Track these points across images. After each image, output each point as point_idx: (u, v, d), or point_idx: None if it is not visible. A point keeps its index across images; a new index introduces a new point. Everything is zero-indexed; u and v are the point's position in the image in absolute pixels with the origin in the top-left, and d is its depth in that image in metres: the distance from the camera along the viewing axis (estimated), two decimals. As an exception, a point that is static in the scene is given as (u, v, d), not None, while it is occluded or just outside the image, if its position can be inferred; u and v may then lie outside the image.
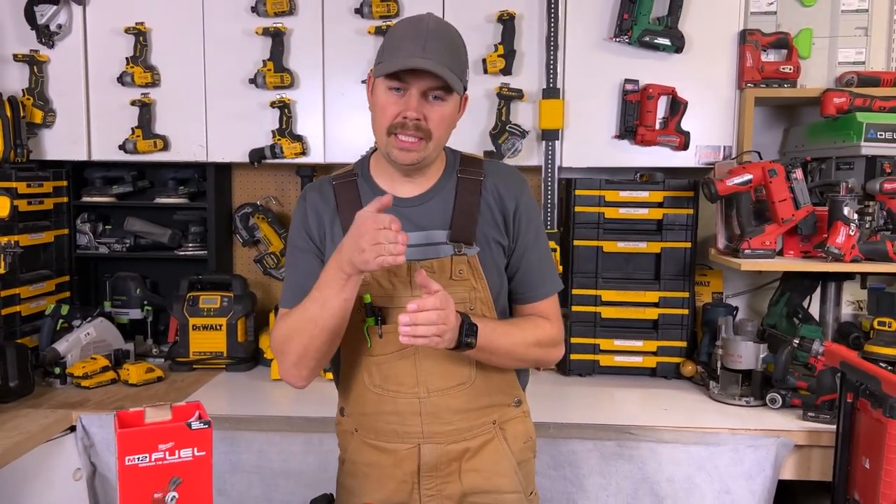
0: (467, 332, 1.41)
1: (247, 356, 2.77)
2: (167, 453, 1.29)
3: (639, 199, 2.65)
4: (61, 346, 2.54)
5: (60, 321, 2.64)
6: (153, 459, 1.28)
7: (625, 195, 2.65)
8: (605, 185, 2.66)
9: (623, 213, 2.66)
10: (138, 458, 1.27)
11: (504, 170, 1.64)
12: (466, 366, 1.54)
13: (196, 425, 1.31)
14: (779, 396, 2.31)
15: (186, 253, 3.01)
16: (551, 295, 1.63)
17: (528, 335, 1.55)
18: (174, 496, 1.30)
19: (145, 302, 2.95)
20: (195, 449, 1.31)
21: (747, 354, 2.39)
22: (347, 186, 1.58)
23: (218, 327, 2.73)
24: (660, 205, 2.65)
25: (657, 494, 2.17)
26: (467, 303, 1.51)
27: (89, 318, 2.68)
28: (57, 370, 2.50)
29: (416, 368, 1.53)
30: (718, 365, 2.45)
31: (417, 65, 1.39)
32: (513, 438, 1.62)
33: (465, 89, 1.52)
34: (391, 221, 1.33)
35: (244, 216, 3.02)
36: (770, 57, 2.62)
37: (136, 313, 2.95)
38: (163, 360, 2.81)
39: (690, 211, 2.64)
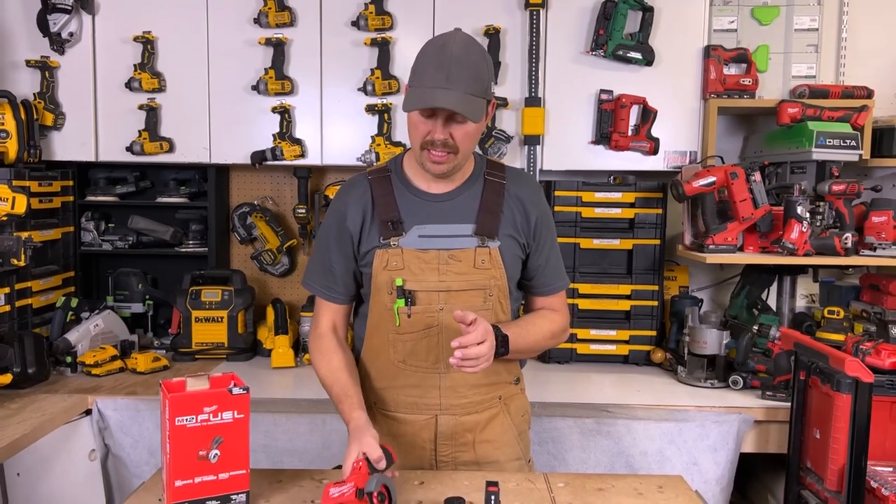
0: (501, 343, 1.60)
1: (246, 347, 2.90)
2: (211, 415, 1.46)
3: (612, 199, 2.85)
4: (72, 336, 2.67)
5: (70, 313, 2.75)
6: (199, 421, 1.45)
7: (600, 196, 2.86)
8: (581, 186, 2.85)
9: (598, 212, 2.86)
10: (186, 420, 1.44)
11: (525, 177, 1.83)
12: None
13: (236, 391, 1.49)
14: (740, 378, 2.52)
15: (187, 250, 3.13)
16: (563, 290, 1.83)
17: (545, 331, 1.75)
18: (216, 453, 1.47)
19: (147, 296, 3.07)
20: (235, 412, 1.49)
21: (712, 341, 2.59)
22: (382, 181, 1.73)
23: (219, 319, 2.87)
24: (631, 205, 2.85)
25: (632, 466, 2.37)
26: (487, 289, 1.67)
27: (97, 311, 2.81)
28: (68, 359, 2.62)
29: (438, 347, 1.69)
30: (686, 351, 2.66)
31: (438, 104, 1.52)
32: (514, 412, 1.80)
33: (492, 100, 1.66)
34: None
35: (242, 215, 3.16)
36: (731, 70, 2.80)
37: (137, 307, 3.07)
38: (164, 351, 2.92)
39: (659, 211, 2.85)
